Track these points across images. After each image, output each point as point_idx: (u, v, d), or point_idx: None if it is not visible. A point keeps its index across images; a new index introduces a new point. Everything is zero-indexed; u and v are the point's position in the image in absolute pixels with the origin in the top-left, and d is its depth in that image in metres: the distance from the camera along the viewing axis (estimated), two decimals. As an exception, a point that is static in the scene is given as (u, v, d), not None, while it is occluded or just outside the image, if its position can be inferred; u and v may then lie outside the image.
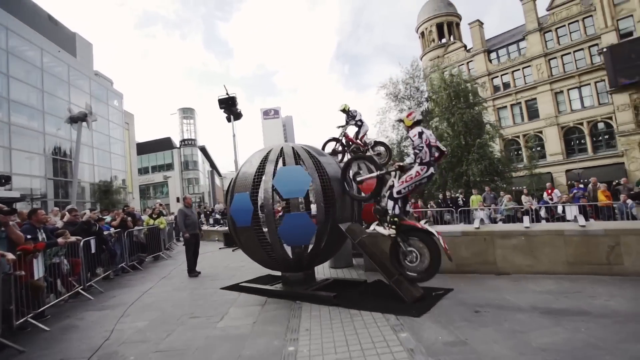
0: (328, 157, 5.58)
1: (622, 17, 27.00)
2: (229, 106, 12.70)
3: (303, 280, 5.32)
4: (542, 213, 10.49)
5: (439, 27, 44.64)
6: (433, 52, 41.38)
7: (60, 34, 32.31)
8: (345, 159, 7.34)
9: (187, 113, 55.61)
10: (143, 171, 50.28)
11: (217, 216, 21.85)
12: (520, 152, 32.48)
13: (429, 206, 13.82)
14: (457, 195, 13.39)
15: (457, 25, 45.88)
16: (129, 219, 10.12)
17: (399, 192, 4.64)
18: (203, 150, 58.42)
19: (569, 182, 30.70)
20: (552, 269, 4.95)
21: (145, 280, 7.76)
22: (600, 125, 29.17)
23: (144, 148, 48.87)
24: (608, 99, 27.93)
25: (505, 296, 4.34)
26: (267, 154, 5.07)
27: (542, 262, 5.01)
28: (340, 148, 7.71)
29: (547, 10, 31.24)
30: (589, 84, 29.29)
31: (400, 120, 5.40)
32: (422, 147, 4.40)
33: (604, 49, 27.08)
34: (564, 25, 30.22)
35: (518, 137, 33.21)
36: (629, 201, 9.20)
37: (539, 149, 31.78)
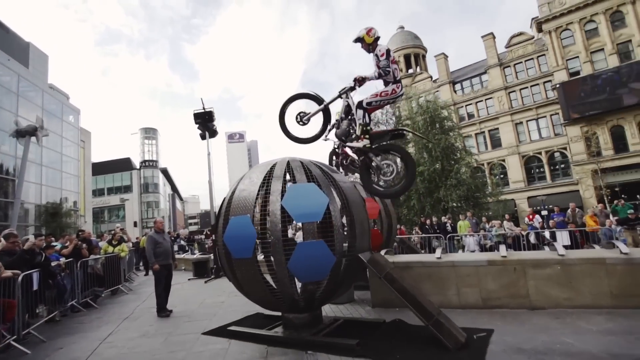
0: (341, 175, 4.84)
1: (570, 58, 29.53)
2: (205, 121, 11.71)
3: (309, 322, 4.38)
4: (532, 239, 10.34)
5: (407, 57, 46.93)
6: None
7: (11, 42, 29.75)
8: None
9: (149, 133, 52.96)
10: (98, 193, 46.45)
11: (182, 242, 20.08)
12: (485, 179, 33.78)
13: (413, 232, 13.40)
14: (445, 220, 13.08)
15: (423, 57, 48.45)
16: (84, 246, 8.62)
17: (369, 104, 4.56)
18: (165, 172, 55.52)
19: (533, 208, 32.21)
20: (595, 303, 4.43)
21: (102, 323, 6.35)
22: (557, 155, 31.11)
23: (100, 168, 45.37)
24: (562, 130, 29.99)
25: (562, 338, 3.69)
26: (271, 168, 4.22)
27: (583, 295, 4.49)
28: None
29: (506, 47, 33.65)
30: (545, 116, 31.39)
31: (359, 40, 4.71)
32: (389, 69, 4.44)
33: (557, 85, 29.35)
34: (521, 62, 32.56)
35: (483, 164, 34.55)
36: (616, 227, 9.25)
37: (502, 176, 33.11)
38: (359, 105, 4.63)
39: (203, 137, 12.57)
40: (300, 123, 4.88)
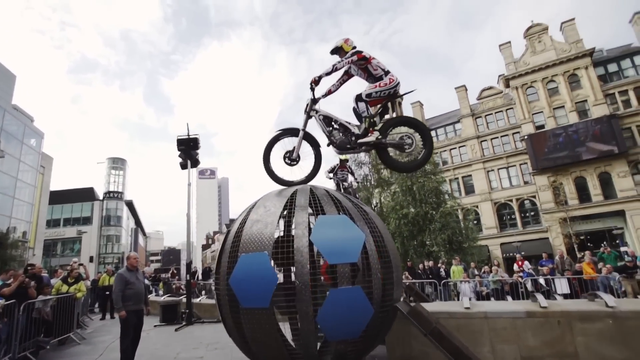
0: (369, 208, 4.22)
1: (535, 112, 31.74)
2: (189, 149, 10.87)
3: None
4: (529, 286, 9.97)
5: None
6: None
7: (-24, 60, 28.03)
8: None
9: (117, 163, 50.37)
10: (53, 223, 42.46)
11: (147, 282, 18.13)
12: (460, 224, 34.25)
13: (404, 277, 12.69)
14: (439, 265, 12.54)
15: (400, 103, 50.56)
16: (33, 284, 7.22)
17: (369, 95, 4.43)
18: (130, 205, 52.28)
19: (504, 255, 32.65)
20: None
21: (46, 386, 5.02)
22: (527, 203, 32.29)
23: (59, 197, 41.88)
24: (531, 179, 31.42)
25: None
26: (292, 196, 3.54)
27: (641, 356, 3.95)
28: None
29: (477, 99, 35.87)
30: (515, 165, 32.94)
31: (337, 50, 4.65)
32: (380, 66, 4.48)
33: (525, 137, 31.20)
34: (491, 114, 34.64)
35: (457, 210, 35.21)
36: (615, 274, 9.09)
37: (475, 222, 33.67)
38: (359, 98, 4.49)
39: (184, 166, 11.63)
40: (293, 163, 4.36)
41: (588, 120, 28.56)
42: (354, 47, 4.67)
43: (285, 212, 3.54)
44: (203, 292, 16.40)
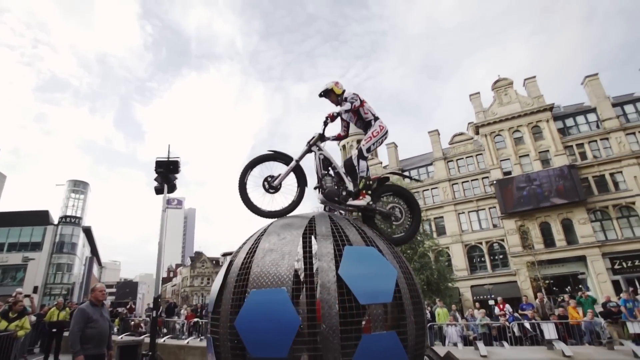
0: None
1: (503, 159, 33.55)
2: (168, 172, 10.17)
3: None
4: (516, 330, 9.72)
5: (358, 142, 50.19)
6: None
7: None
8: None
9: (78, 186, 47.11)
10: (-6, 249, 38.26)
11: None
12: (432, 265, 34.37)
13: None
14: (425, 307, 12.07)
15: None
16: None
17: (368, 150, 4.37)
18: (87, 232, 48.46)
19: (475, 297, 32.76)
20: None
21: None
22: (496, 246, 33.11)
23: (6, 219, 38.16)
24: (500, 223, 32.49)
25: None
26: (310, 223, 3.12)
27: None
28: None
29: (449, 144, 37.57)
30: (485, 208, 34.09)
31: (326, 93, 4.64)
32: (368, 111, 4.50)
33: (494, 182, 32.66)
34: (462, 158, 36.24)
35: (430, 251, 35.48)
36: (600, 319, 9.08)
37: (447, 263, 33.94)
38: (361, 156, 4.35)
39: (159, 190, 10.82)
40: (271, 190, 4.02)
41: (550, 169, 30.43)
42: (344, 91, 4.64)
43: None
44: (165, 331, 14.88)
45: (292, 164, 4.05)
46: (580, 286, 28.56)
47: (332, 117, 4.24)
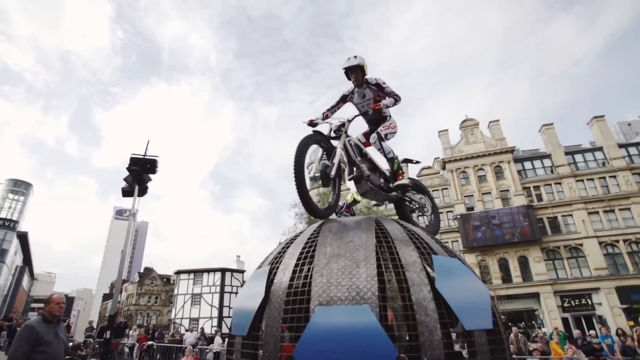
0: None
1: (467, 195, 34.94)
2: (143, 171, 9.04)
3: None
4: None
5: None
6: (321, 188, 45.33)
7: None
8: None
9: (18, 187, 42.28)
10: None
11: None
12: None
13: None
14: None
15: (343, 170, 52.63)
16: None
17: (385, 136, 4.14)
18: (23, 238, 43.11)
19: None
20: None
21: None
22: (457, 279, 33.80)
23: None
24: (462, 257, 33.33)
25: None
26: (378, 225, 2.51)
27: None
28: None
29: (417, 176, 38.64)
30: (448, 242, 34.88)
31: (353, 68, 4.08)
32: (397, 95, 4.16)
33: (458, 216, 33.74)
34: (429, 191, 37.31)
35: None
36: (582, 355, 9.02)
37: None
38: (381, 137, 4.10)
39: (128, 193, 9.58)
40: (328, 184, 3.53)
41: (509, 207, 32.04)
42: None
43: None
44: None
45: (339, 151, 3.51)
46: (533, 322, 29.63)
47: (378, 111, 3.90)
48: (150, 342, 11.78)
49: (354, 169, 3.88)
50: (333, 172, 3.34)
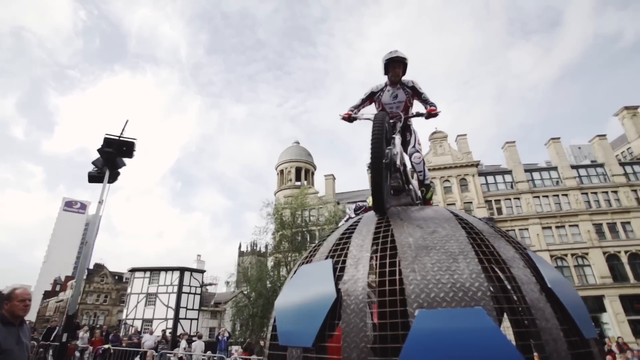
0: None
1: (434, 204, 36.06)
2: (118, 154, 8.09)
3: None
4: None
5: (298, 170, 50.43)
6: (289, 191, 44.88)
7: None
8: None
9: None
10: None
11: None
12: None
13: None
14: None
15: (312, 173, 52.56)
16: None
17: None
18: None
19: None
20: None
21: None
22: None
23: None
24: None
25: None
26: (457, 215, 2.18)
27: None
28: None
29: (387, 183, 39.35)
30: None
31: (397, 61, 3.64)
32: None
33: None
34: (397, 199, 38.07)
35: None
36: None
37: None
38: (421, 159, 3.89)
39: (96, 178, 8.52)
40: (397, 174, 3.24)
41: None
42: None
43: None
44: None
45: (398, 140, 3.21)
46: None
47: (434, 116, 3.50)
48: (107, 345, 10.60)
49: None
50: (398, 161, 2.94)
